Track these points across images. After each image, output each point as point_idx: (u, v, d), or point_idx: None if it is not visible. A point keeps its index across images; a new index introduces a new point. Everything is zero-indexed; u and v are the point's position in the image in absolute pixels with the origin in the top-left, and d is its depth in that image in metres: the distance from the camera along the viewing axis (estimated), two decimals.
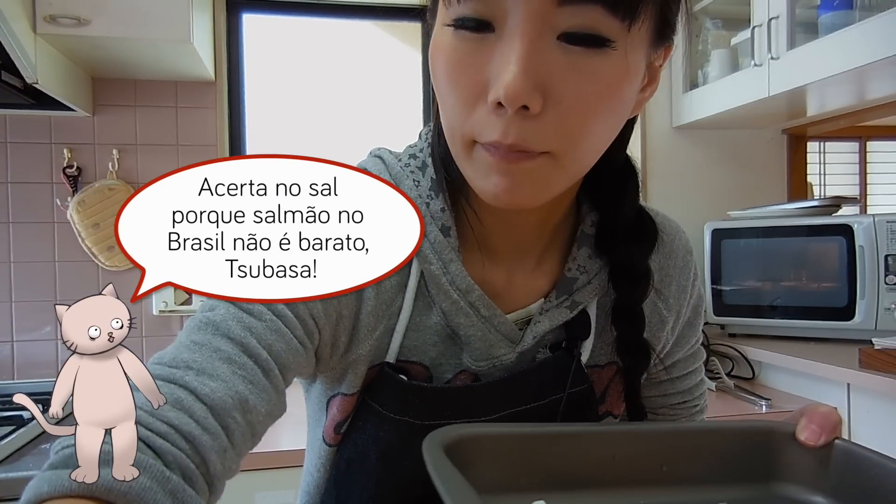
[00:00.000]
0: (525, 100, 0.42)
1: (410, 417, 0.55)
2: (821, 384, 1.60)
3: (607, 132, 0.48)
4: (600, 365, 0.62)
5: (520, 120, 0.43)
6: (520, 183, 0.46)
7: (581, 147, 0.47)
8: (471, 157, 0.47)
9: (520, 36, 0.42)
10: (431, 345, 0.58)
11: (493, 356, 0.57)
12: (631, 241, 0.59)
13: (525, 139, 0.44)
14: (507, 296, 0.59)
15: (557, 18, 0.42)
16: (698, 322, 0.70)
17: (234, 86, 2.02)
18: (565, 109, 0.44)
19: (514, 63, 0.41)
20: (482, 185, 0.48)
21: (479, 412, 0.56)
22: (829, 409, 0.50)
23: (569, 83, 0.43)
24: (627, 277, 0.59)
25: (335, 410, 0.59)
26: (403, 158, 0.60)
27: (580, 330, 0.59)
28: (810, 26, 1.65)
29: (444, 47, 0.45)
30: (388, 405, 0.56)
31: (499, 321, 0.56)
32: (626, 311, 0.59)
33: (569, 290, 0.58)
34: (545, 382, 0.58)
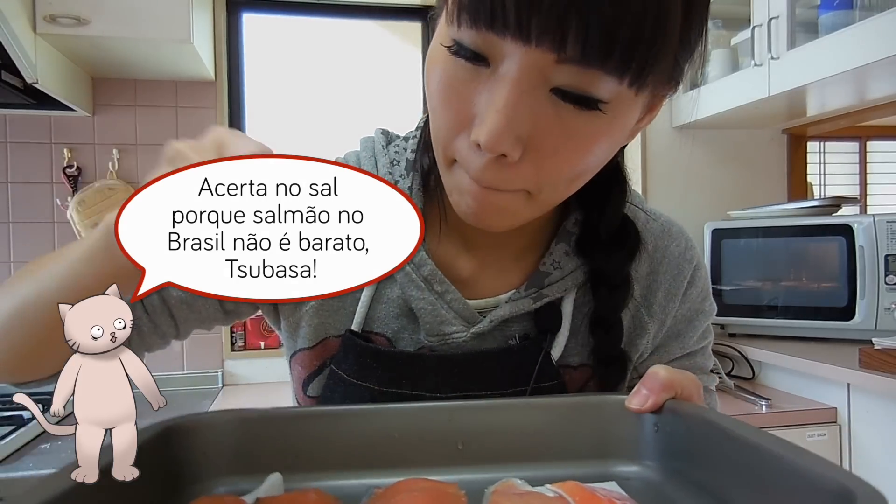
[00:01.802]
0: (504, 150, 0.42)
1: (371, 383, 0.57)
2: (821, 384, 1.60)
3: (589, 172, 0.48)
4: (572, 366, 0.60)
5: (497, 165, 0.43)
6: (489, 212, 0.47)
7: (556, 187, 0.47)
8: (450, 171, 0.48)
9: (512, 82, 0.40)
10: (393, 318, 0.59)
11: (444, 333, 0.57)
12: (612, 248, 0.58)
13: (499, 183, 0.44)
14: (476, 284, 0.59)
15: (554, 73, 0.40)
16: (689, 336, 0.64)
17: (234, 86, 2.02)
18: (544, 159, 0.43)
19: (500, 112, 0.41)
20: (456, 201, 0.49)
21: (436, 388, 0.56)
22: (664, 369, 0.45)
23: (551, 137, 0.42)
24: (606, 285, 0.58)
25: (299, 367, 0.62)
26: (394, 140, 0.63)
27: (549, 322, 0.58)
28: (810, 26, 1.65)
29: (439, 66, 0.44)
30: (350, 371, 0.58)
31: (451, 298, 0.57)
32: (603, 319, 0.58)
33: (539, 283, 0.58)
34: (510, 371, 0.57)
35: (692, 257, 0.64)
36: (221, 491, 0.43)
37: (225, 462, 0.44)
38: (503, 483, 0.41)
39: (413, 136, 0.61)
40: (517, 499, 0.38)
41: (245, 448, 0.45)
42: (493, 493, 0.39)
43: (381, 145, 0.62)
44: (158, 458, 0.40)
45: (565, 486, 0.38)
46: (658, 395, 0.44)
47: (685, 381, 0.45)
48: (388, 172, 0.59)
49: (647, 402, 0.44)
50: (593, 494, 0.37)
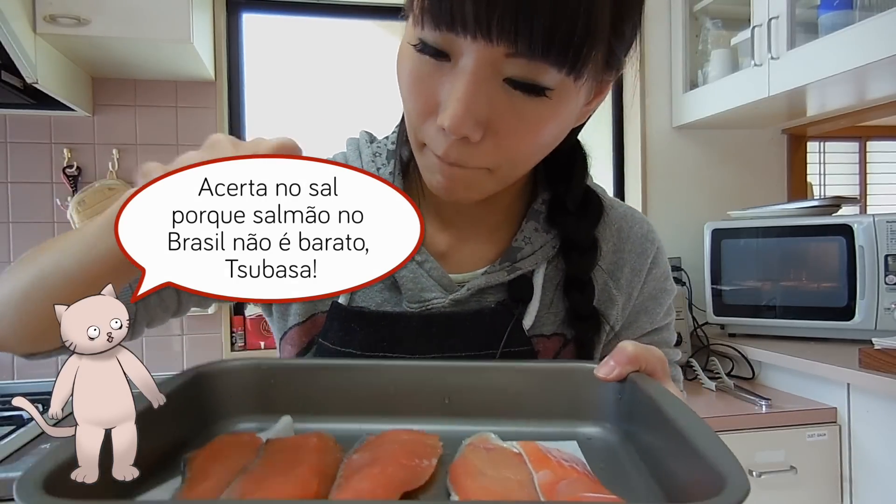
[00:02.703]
0: (466, 132, 0.48)
1: (354, 348, 0.61)
2: (821, 384, 1.60)
3: (543, 149, 0.55)
4: (545, 334, 0.65)
5: (460, 145, 0.50)
6: (457, 186, 0.54)
7: (515, 164, 0.54)
8: (422, 153, 0.55)
9: (470, 74, 0.47)
10: (377, 291, 0.64)
11: (425, 299, 0.62)
12: (578, 216, 0.65)
13: (464, 160, 0.51)
14: (452, 259, 0.65)
15: (505, 66, 0.47)
16: (656, 311, 0.71)
17: (234, 85, 2.02)
18: (501, 139, 0.50)
19: (460, 100, 0.47)
20: (428, 179, 0.56)
21: (414, 349, 0.61)
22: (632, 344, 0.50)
23: (505, 120, 0.49)
24: (576, 249, 0.65)
25: (289, 346, 0.67)
26: (378, 139, 0.70)
27: (522, 293, 0.64)
28: (810, 26, 1.65)
29: (407, 61, 0.51)
30: (334, 338, 0.63)
31: (430, 266, 0.62)
32: (576, 280, 0.64)
33: (513, 258, 0.64)
34: (483, 334, 0.62)
35: (654, 239, 0.71)
36: (241, 429, 0.49)
37: (245, 404, 0.50)
38: (478, 436, 0.46)
39: (393, 132, 0.68)
40: (484, 453, 0.43)
41: (263, 392, 0.51)
42: (467, 445, 0.44)
43: (365, 141, 0.69)
44: (189, 398, 0.46)
45: (525, 446, 0.44)
46: (623, 367, 0.49)
47: (650, 357, 0.49)
48: (372, 161, 0.66)
49: (612, 373, 0.49)
50: (546, 455, 0.42)
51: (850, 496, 1.52)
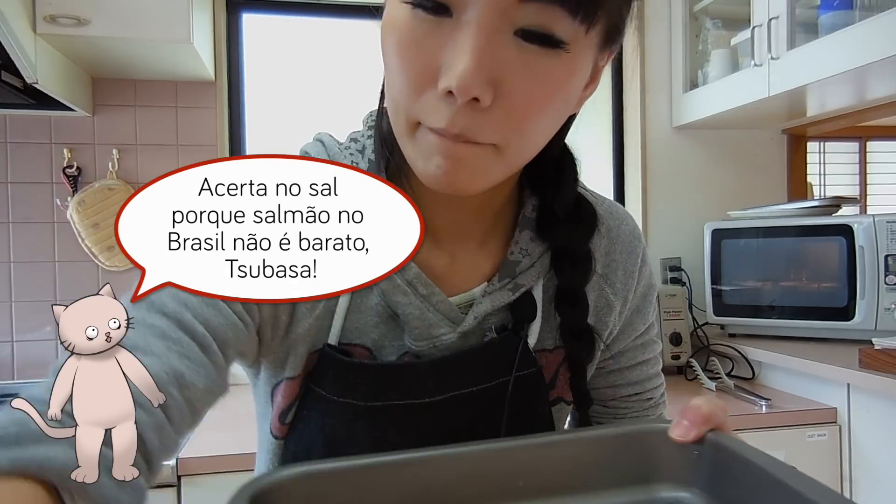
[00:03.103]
0: (477, 92, 0.42)
1: (354, 399, 0.55)
2: (821, 384, 1.60)
3: (550, 127, 0.50)
4: (548, 349, 0.62)
5: (468, 111, 0.44)
6: (461, 167, 0.47)
7: (524, 140, 0.48)
8: (414, 137, 0.48)
9: (477, 27, 0.42)
10: (373, 326, 0.57)
11: (433, 336, 0.56)
12: (570, 226, 0.60)
13: (472, 131, 0.45)
14: (450, 279, 0.59)
15: (517, 14, 0.42)
16: (647, 310, 0.68)
17: (233, 86, 2.02)
18: (513, 104, 0.44)
19: (469, 54, 0.42)
20: (423, 166, 0.48)
21: (424, 393, 0.56)
22: (705, 402, 0.48)
23: (519, 80, 0.44)
24: (568, 261, 0.60)
25: (280, 398, 0.59)
26: (344, 142, 0.61)
27: (525, 312, 0.60)
28: (810, 26, 1.65)
29: (398, 25, 0.45)
30: (330, 388, 0.56)
31: (437, 300, 0.56)
32: (569, 295, 0.60)
33: (511, 273, 0.59)
34: (492, 364, 0.58)
35: (639, 235, 0.68)
36: None
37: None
38: None
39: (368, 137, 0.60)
40: None
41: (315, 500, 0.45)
42: None
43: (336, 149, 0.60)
44: None
45: None
46: (699, 428, 0.47)
47: (718, 411, 0.47)
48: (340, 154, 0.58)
49: (689, 434, 0.47)
50: None
51: (850, 496, 1.52)
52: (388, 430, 0.56)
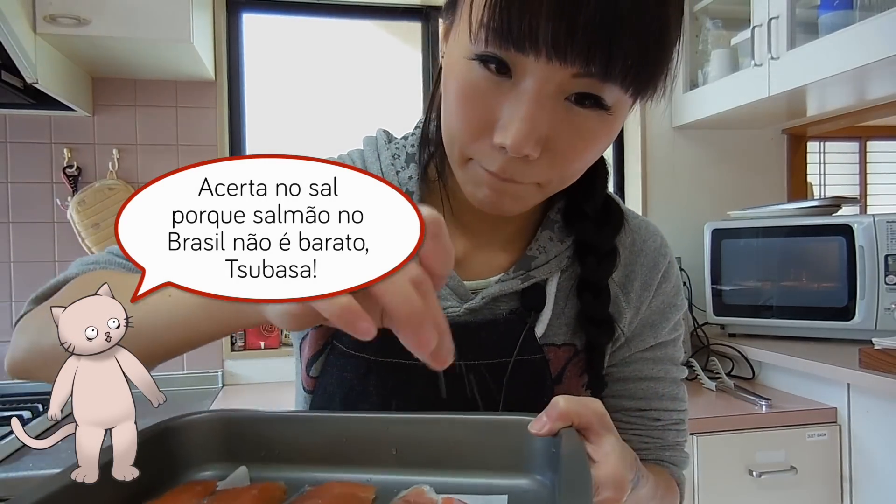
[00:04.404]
0: (527, 152, 0.48)
1: (368, 353, 0.61)
2: (821, 384, 1.60)
3: (588, 165, 0.55)
4: (556, 344, 0.64)
5: (517, 162, 0.50)
6: (506, 199, 0.54)
7: (565, 179, 0.54)
8: (465, 167, 0.54)
9: (533, 95, 0.47)
10: None
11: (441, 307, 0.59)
12: (598, 222, 0.65)
13: (519, 175, 0.51)
14: (468, 266, 0.65)
15: (570, 85, 0.47)
16: (662, 326, 0.69)
17: (234, 85, 2.02)
18: (558, 155, 0.50)
19: (523, 121, 0.47)
20: (471, 192, 0.55)
21: None
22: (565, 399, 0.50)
23: (565, 135, 0.49)
24: (593, 254, 0.64)
25: (306, 348, 0.66)
26: (395, 139, 0.68)
27: (534, 301, 0.64)
28: (810, 26, 1.65)
29: (461, 76, 0.49)
30: (349, 342, 0.62)
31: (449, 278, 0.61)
32: (592, 285, 0.64)
33: (527, 266, 0.64)
34: (497, 342, 0.62)
35: (666, 253, 0.70)
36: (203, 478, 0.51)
37: (211, 455, 0.53)
38: (413, 490, 0.48)
39: (412, 134, 0.67)
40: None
41: (227, 444, 0.53)
42: (400, 499, 0.46)
43: (384, 141, 0.68)
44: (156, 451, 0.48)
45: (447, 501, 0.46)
46: (554, 423, 0.49)
47: (584, 412, 0.50)
48: (391, 164, 0.65)
49: (544, 428, 0.49)
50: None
51: (850, 496, 1.52)
52: (395, 391, 0.61)
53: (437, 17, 2.14)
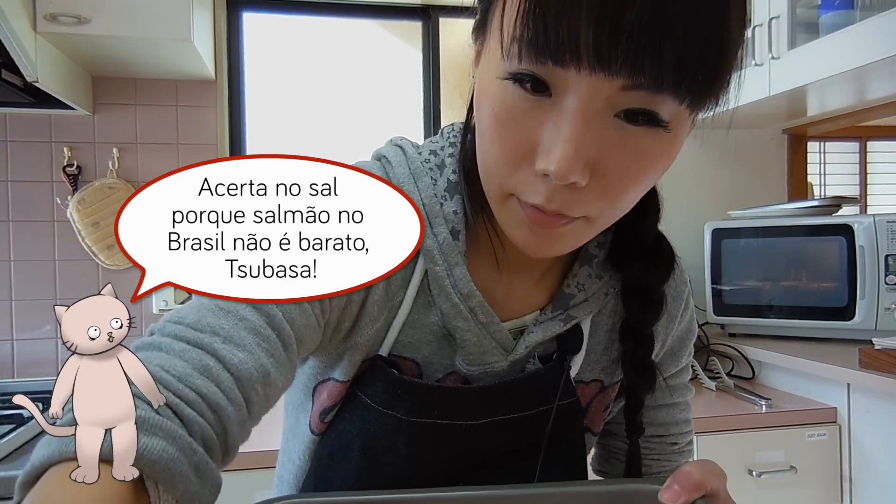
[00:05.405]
0: (574, 178, 0.42)
1: (398, 413, 0.55)
2: (821, 384, 1.60)
3: (642, 193, 0.48)
4: (584, 381, 0.62)
5: (564, 190, 0.43)
6: (551, 242, 0.48)
7: (617, 211, 0.48)
8: (505, 205, 0.48)
9: (577, 113, 0.41)
10: (426, 343, 0.57)
11: (486, 362, 0.57)
12: (647, 264, 0.59)
13: (566, 208, 0.44)
14: (505, 305, 0.59)
15: (619, 99, 0.41)
16: (682, 354, 0.68)
17: (234, 85, 2.02)
18: (609, 182, 0.44)
19: (568, 142, 0.41)
20: (513, 233, 0.49)
21: (466, 416, 0.56)
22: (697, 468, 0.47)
23: (617, 157, 0.43)
24: (640, 298, 0.59)
25: (325, 396, 0.59)
26: (424, 153, 0.58)
27: (572, 344, 0.60)
28: (811, 26, 1.65)
29: (495, 98, 0.44)
30: (376, 398, 0.56)
31: (495, 329, 0.56)
32: (636, 331, 0.60)
33: (565, 305, 0.59)
34: (536, 393, 0.58)
35: (686, 280, 0.67)
36: None
37: None
38: None
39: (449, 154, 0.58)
40: None
41: None
42: None
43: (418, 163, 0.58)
44: None
45: None
46: (689, 494, 0.45)
47: (714, 480, 0.46)
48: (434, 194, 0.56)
49: (679, 499, 0.45)
50: None
51: (850, 496, 1.52)
52: (426, 447, 0.56)
53: (438, 17, 2.14)
